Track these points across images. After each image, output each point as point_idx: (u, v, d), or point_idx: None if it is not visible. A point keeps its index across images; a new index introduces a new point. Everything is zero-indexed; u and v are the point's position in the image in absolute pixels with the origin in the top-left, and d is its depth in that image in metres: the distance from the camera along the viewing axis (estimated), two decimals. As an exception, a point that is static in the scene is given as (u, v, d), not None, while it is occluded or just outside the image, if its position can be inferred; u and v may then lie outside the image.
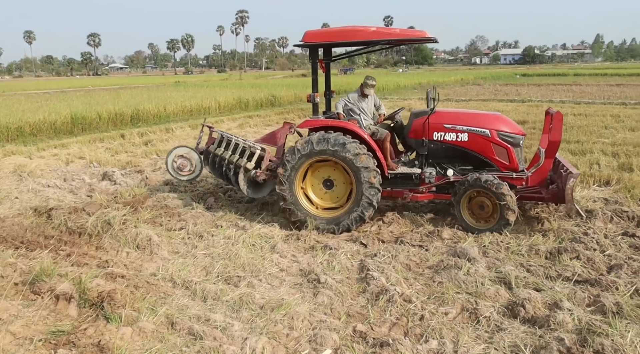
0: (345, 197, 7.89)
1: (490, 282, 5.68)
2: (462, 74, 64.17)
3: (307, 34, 7.85)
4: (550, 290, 5.46)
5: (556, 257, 6.41)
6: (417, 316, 5.01)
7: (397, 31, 7.71)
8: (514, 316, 5.01)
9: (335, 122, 7.97)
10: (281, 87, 36.08)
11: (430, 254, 6.67)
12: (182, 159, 9.15)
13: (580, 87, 37.18)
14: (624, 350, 4.23)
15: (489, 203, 7.40)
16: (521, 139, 7.90)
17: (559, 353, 4.29)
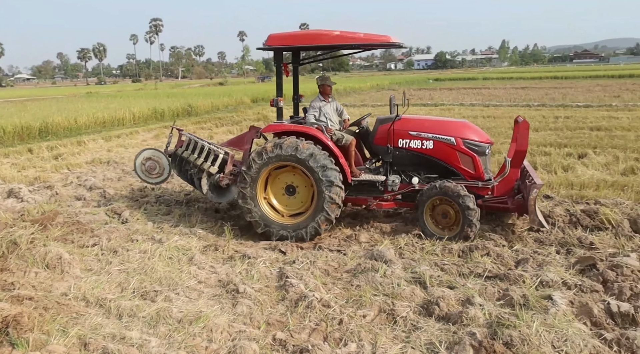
0: (309, 201, 7.73)
1: (406, 282, 5.82)
2: (378, 79, 65.52)
3: (271, 37, 7.73)
4: (462, 287, 5.66)
5: (468, 255, 6.67)
6: (336, 320, 5.06)
7: (361, 35, 7.50)
8: (429, 315, 5.15)
9: (298, 127, 7.82)
10: (198, 97, 35.56)
11: (348, 258, 6.76)
12: (150, 162, 9.06)
13: (489, 90, 38.89)
14: (530, 340, 4.44)
15: (452, 212, 7.35)
16: (487, 148, 7.83)
17: (472, 347, 4.44)
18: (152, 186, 10.44)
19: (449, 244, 7.05)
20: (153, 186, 10.61)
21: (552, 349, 4.40)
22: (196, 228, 8.15)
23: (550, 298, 5.23)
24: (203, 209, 9.17)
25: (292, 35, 7.80)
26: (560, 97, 29.86)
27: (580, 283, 5.67)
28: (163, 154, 9.12)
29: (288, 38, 7.74)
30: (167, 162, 9.10)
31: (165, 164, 9.10)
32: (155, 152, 9.16)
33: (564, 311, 5.00)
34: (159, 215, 9.03)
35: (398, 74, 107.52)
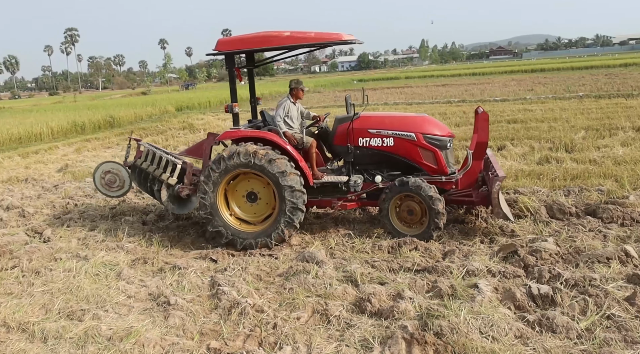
0: (273, 198, 7.52)
1: (338, 282, 5.89)
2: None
3: (220, 42, 7.56)
4: (393, 282, 5.79)
5: (397, 251, 6.82)
6: (270, 324, 5.06)
7: (312, 35, 7.36)
8: (361, 312, 5.23)
9: (255, 133, 7.65)
10: (120, 107, 34.64)
11: (280, 262, 6.77)
12: (109, 175, 8.80)
13: (412, 88, 39.88)
14: (459, 328, 4.60)
15: (418, 208, 7.27)
16: (449, 141, 7.72)
17: (404, 340, 4.55)
18: (113, 198, 10.17)
19: (378, 241, 7.19)
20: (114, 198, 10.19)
21: (480, 335, 4.57)
22: (123, 242, 7.94)
23: (476, 286, 5.43)
24: (130, 222, 8.95)
25: (241, 39, 7.66)
26: (479, 92, 30.98)
27: (504, 269, 5.92)
28: (122, 167, 8.90)
29: (237, 42, 7.60)
30: (126, 175, 8.88)
31: (125, 177, 8.88)
32: (113, 165, 8.94)
33: (489, 297, 5.20)
34: (83, 231, 8.73)
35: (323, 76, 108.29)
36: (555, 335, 4.59)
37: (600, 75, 41.73)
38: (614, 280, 5.52)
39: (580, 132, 14.38)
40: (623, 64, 55.16)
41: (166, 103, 37.23)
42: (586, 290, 5.28)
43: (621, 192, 8.64)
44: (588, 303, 5.02)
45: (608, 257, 6.06)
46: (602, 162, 10.80)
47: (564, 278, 5.54)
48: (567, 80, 37.63)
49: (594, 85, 30.38)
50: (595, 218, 7.62)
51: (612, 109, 18.93)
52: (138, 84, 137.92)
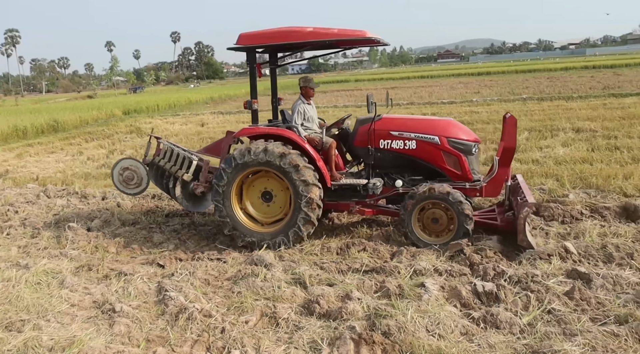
0: (288, 205, 7.37)
1: (287, 284, 5.87)
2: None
3: (242, 36, 7.33)
4: (342, 283, 5.81)
5: (346, 252, 6.86)
6: (219, 329, 5.00)
7: (335, 31, 7.13)
8: (310, 313, 5.23)
9: (272, 130, 7.46)
10: (65, 111, 33.72)
11: (228, 265, 6.71)
12: (127, 172, 8.62)
13: (361, 91, 40.28)
14: (406, 327, 4.65)
15: (444, 215, 6.93)
16: (474, 147, 7.33)
17: (352, 340, 4.57)
18: (130, 196, 10.00)
19: (327, 243, 7.22)
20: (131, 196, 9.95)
21: (427, 333, 4.63)
22: (67, 249, 7.71)
23: (423, 285, 5.51)
24: (74, 229, 8.69)
25: (264, 33, 7.42)
26: (427, 95, 31.53)
27: (450, 268, 6.03)
28: (141, 164, 8.73)
29: (260, 37, 7.38)
30: (144, 172, 8.70)
31: (143, 174, 8.70)
32: (132, 162, 8.77)
33: (436, 296, 5.28)
34: (24, 239, 8.44)
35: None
36: (499, 331, 4.70)
37: (542, 78, 43.09)
38: (554, 276, 5.69)
39: (524, 133, 14.80)
40: (564, 67, 57.03)
41: (113, 107, 36.43)
42: (528, 286, 5.42)
43: (561, 191, 8.93)
44: (530, 299, 5.16)
45: (549, 253, 6.24)
46: (544, 162, 11.14)
47: (507, 275, 5.68)
48: (512, 83, 38.72)
49: (536, 88, 31.32)
50: (537, 216, 7.84)
51: (554, 111, 19.56)
52: (84, 87, 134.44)
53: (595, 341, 4.35)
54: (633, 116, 16.63)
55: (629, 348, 4.24)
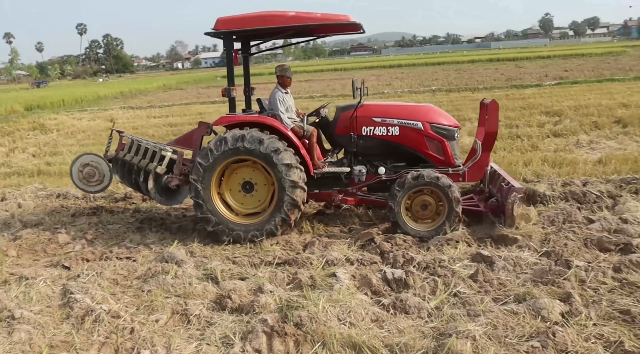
0: (268, 200, 7.14)
1: (198, 280, 5.78)
2: (165, 79, 64.10)
3: (219, 21, 6.97)
4: (254, 277, 5.78)
5: (259, 245, 6.84)
6: (127, 329, 4.85)
7: (318, 15, 6.92)
8: (222, 309, 5.17)
9: (254, 118, 7.19)
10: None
11: (138, 264, 6.51)
12: (88, 168, 8.06)
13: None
14: (318, 317, 4.68)
15: (433, 201, 6.91)
16: (456, 132, 7.39)
17: (264, 333, 4.55)
18: (92, 194, 9.35)
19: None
20: None
21: (338, 322, 4.68)
22: (-40, 255, 7.23)
23: (335, 275, 5.57)
24: (-31, 232, 8.18)
25: (243, 17, 7.10)
26: (340, 87, 31.87)
27: (361, 257, 6.14)
28: (103, 159, 8.19)
29: (239, 21, 7.06)
30: (107, 168, 8.17)
31: (106, 170, 8.17)
32: (93, 158, 8.23)
33: (347, 285, 5.36)
34: None
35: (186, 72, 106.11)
36: (408, 316, 4.83)
37: (451, 70, 44.68)
38: (460, 260, 5.93)
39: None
40: (470, 60, 59.40)
41: (13, 102, 34.53)
42: (436, 271, 5.61)
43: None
44: (437, 283, 5.33)
45: (456, 240, 6.49)
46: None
47: (416, 261, 5.85)
48: (422, 75, 39.89)
49: (445, 80, 32.40)
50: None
51: (461, 101, 20.33)
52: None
53: (497, 319, 4.56)
54: (532, 106, 17.55)
55: (526, 324, 4.47)
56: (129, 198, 9.66)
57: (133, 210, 8.92)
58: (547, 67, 40.53)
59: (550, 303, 4.71)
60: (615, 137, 12.67)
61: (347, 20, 7.03)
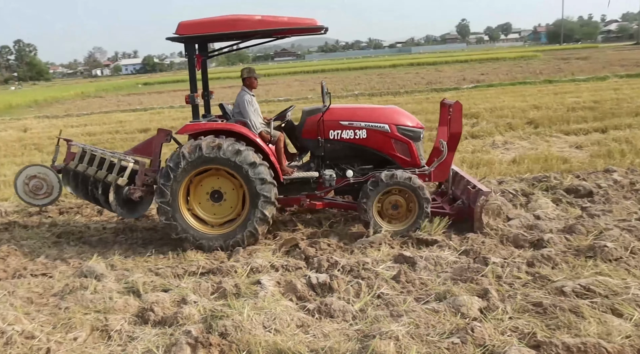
0: (240, 204, 6.96)
1: (119, 294, 5.59)
2: (83, 87, 61.97)
3: (182, 25, 6.68)
4: (177, 288, 5.65)
5: (182, 256, 6.71)
6: (43, 350, 4.62)
7: (285, 19, 6.86)
8: (145, 322, 5.03)
9: (221, 125, 6.99)
10: None
11: (55, 280, 6.23)
12: (35, 181, 7.50)
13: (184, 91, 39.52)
14: (243, 326, 4.63)
15: (403, 201, 7.02)
16: (421, 133, 7.48)
17: (188, 345, 4.46)
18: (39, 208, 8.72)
19: (162, 248, 7.02)
20: None
21: (264, 329, 4.65)
22: None
23: (260, 282, 5.55)
24: None
25: (207, 22, 6.88)
26: (264, 93, 31.83)
27: (286, 263, 6.14)
28: (51, 171, 7.63)
29: (202, 25, 6.83)
30: (56, 179, 7.62)
31: (54, 182, 7.64)
32: (40, 169, 7.67)
33: (272, 292, 5.34)
34: None
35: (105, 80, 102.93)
36: (333, 319, 4.86)
37: (373, 75, 45.51)
38: (383, 262, 6.04)
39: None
40: (392, 65, 60.66)
41: None
42: (360, 274, 5.69)
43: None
44: (361, 286, 5.40)
45: (379, 242, 6.61)
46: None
47: (340, 265, 5.92)
48: (345, 79, 40.44)
49: (368, 85, 32.99)
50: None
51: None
52: None
53: (419, 319, 4.66)
54: (451, 109, 18.11)
55: (446, 322, 4.60)
56: (44, 212, 9.23)
57: (49, 224, 8.53)
58: (465, 71, 42.02)
59: (469, 299, 4.87)
60: (528, 138, 13.30)
61: (314, 24, 7.03)
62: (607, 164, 9.88)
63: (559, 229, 6.77)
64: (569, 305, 4.64)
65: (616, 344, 3.97)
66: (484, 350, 4.13)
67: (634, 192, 8.16)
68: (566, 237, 6.44)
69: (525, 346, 4.10)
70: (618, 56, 48.36)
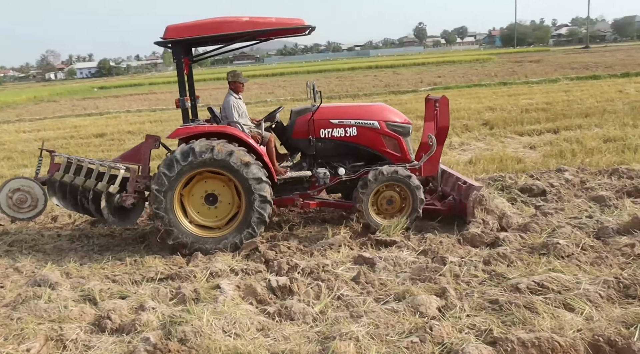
0: (236, 198, 6.90)
1: (75, 302, 5.46)
2: (36, 91, 60.42)
3: (170, 29, 6.62)
4: (135, 294, 5.57)
5: (140, 262, 6.60)
6: (-7, 363, 4.51)
7: (273, 20, 6.86)
8: (102, 330, 4.93)
9: (214, 128, 6.92)
10: None
11: (6, 290, 6.04)
12: (19, 194, 7.19)
13: (155, 95, 39.16)
14: (202, 331, 4.59)
15: (398, 196, 7.14)
16: (410, 128, 7.62)
17: (147, 352, 4.40)
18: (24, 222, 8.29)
19: (119, 254, 6.90)
20: None
21: (223, 334, 4.62)
22: None
23: (219, 286, 5.50)
24: None
25: (195, 25, 6.83)
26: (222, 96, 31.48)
27: (246, 267, 6.12)
28: (35, 183, 7.31)
29: (190, 29, 6.77)
30: (41, 192, 7.31)
31: (39, 194, 7.32)
32: (24, 182, 7.36)
33: (231, 296, 5.30)
34: None
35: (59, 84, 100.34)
36: (294, 322, 4.86)
37: (332, 78, 45.68)
38: (343, 263, 6.08)
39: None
40: (351, 67, 60.96)
41: None
42: (320, 276, 5.71)
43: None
44: (321, 288, 5.42)
45: (338, 244, 6.64)
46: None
47: (300, 267, 5.93)
48: (303, 83, 40.32)
49: (326, 87, 33.07)
50: (329, 209, 8.25)
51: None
52: None
53: (378, 319, 4.71)
54: (409, 111, 18.26)
55: (405, 321, 4.65)
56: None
57: (0, 232, 8.29)
58: (422, 74, 42.54)
59: (427, 299, 4.94)
60: (484, 139, 13.55)
61: (301, 24, 7.04)
62: (559, 164, 10.15)
63: (513, 228, 6.92)
64: (524, 301, 4.75)
65: (568, 338, 4.08)
66: (443, 348, 4.19)
67: (585, 190, 8.40)
68: (521, 235, 6.59)
69: (482, 343, 4.17)
70: (568, 59, 49.69)
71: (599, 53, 60.12)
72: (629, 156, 10.31)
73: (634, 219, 6.49)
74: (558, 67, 39.08)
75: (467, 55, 74.97)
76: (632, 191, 7.93)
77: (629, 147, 11.08)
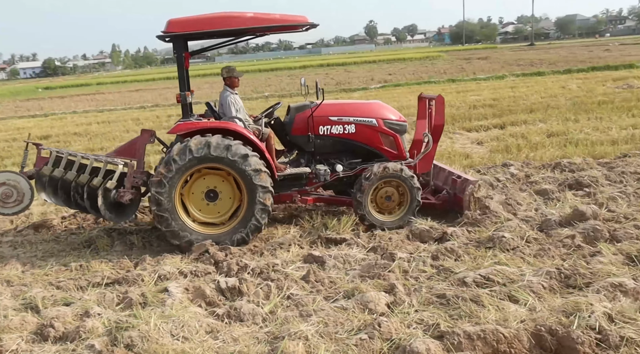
0: (237, 191, 6.84)
1: (15, 311, 5.27)
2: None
3: (172, 22, 6.57)
4: (80, 301, 5.42)
5: (85, 267, 6.43)
6: None
7: (277, 17, 6.81)
8: (44, 339, 4.77)
9: (215, 124, 6.88)
10: None
11: (-57, 300, 5.81)
12: (4, 188, 6.84)
13: (103, 95, 38.33)
14: (150, 335, 4.50)
15: (396, 192, 7.21)
16: (406, 126, 7.72)
17: (91, 359, 4.31)
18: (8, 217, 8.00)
19: (64, 260, 6.72)
20: None
21: (172, 338, 4.55)
22: None
23: (167, 290, 5.41)
24: None
25: (198, 19, 6.76)
26: (172, 96, 31.10)
27: (195, 269, 6.04)
28: (22, 177, 6.92)
29: (193, 23, 6.71)
30: (27, 186, 6.91)
31: (26, 189, 6.92)
32: (10, 176, 6.95)
33: (180, 299, 5.22)
34: None
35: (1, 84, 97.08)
36: (243, 323, 4.83)
37: (284, 76, 45.65)
38: (292, 262, 6.07)
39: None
40: (302, 66, 61.00)
41: None
42: (269, 276, 5.69)
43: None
44: (271, 288, 5.39)
45: (288, 243, 6.63)
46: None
47: (250, 267, 5.89)
48: (255, 81, 40.31)
49: (278, 86, 33.06)
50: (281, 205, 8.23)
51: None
52: None
53: (328, 317, 4.72)
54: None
55: (354, 318, 4.68)
56: None
57: None
58: (373, 71, 42.97)
59: (376, 295, 4.98)
60: (433, 135, 13.73)
61: (305, 22, 7.05)
62: (504, 159, 10.39)
63: (460, 223, 7.04)
64: (470, 295, 4.84)
65: (512, 329, 4.17)
66: (391, 344, 4.23)
67: (529, 184, 8.63)
68: (468, 230, 6.72)
69: (429, 338, 4.22)
70: (515, 56, 50.96)
71: (543, 50, 61.88)
72: (571, 150, 10.66)
73: (574, 211, 6.70)
74: (505, 64, 40.04)
75: (417, 52, 75.91)
76: (574, 184, 8.20)
77: (570, 141, 11.46)
